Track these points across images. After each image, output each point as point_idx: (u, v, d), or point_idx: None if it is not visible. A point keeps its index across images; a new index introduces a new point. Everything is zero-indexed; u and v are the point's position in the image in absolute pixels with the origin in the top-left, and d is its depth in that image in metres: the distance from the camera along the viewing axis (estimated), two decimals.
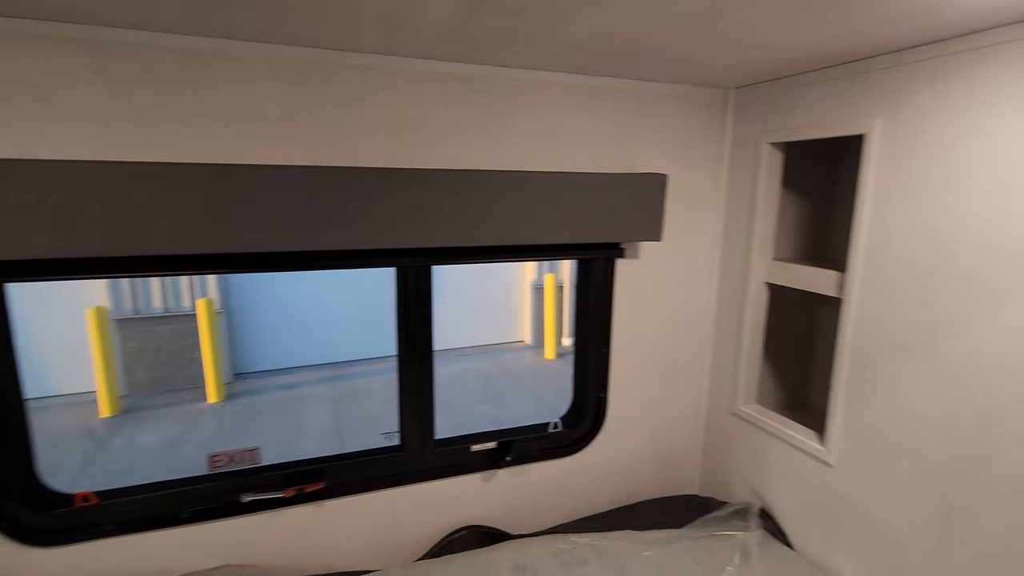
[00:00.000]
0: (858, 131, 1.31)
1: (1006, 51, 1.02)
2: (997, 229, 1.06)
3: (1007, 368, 1.05)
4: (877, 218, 1.28)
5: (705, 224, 1.76)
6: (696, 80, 1.56)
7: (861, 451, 1.35)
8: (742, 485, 1.73)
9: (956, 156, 1.12)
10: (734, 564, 1.43)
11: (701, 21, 1.02)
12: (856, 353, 1.35)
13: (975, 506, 1.11)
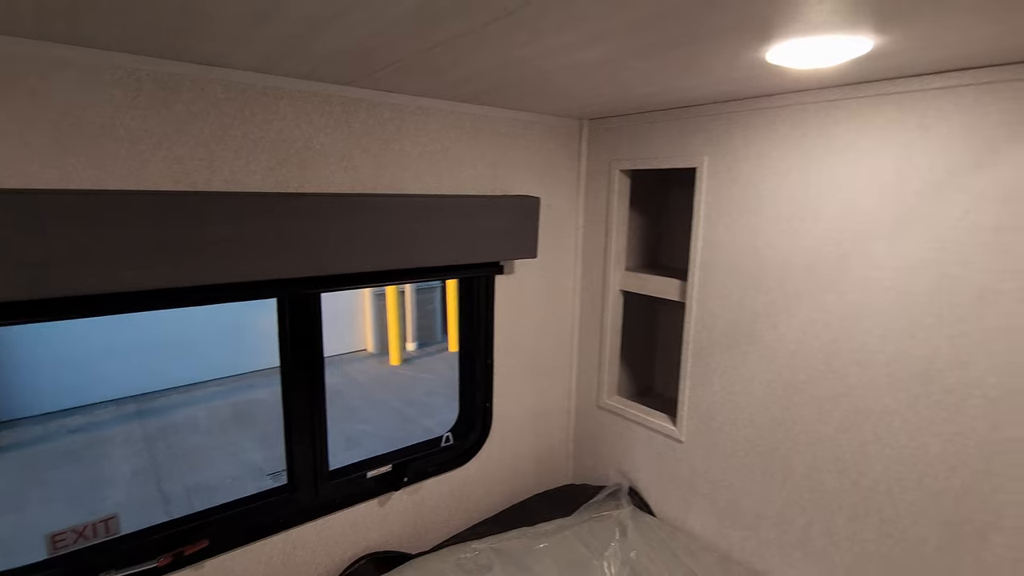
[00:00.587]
0: (691, 165, 1.59)
1: (793, 112, 1.35)
2: (791, 247, 1.39)
3: (803, 350, 1.39)
4: (708, 236, 1.58)
5: (568, 241, 1.96)
6: (557, 111, 1.73)
7: (705, 427, 1.64)
8: (611, 469, 1.97)
9: (761, 189, 1.43)
10: (616, 540, 1.63)
11: (565, 73, 1.16)
12: (697, 346, 1.64)
13: (787, 458, 1.45)
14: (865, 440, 1.29)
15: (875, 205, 1.23)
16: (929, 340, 1.17)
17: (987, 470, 1.12)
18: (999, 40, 0.90)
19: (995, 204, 1.07)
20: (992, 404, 1.10)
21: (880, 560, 1.29)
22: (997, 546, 1.11)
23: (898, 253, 1.20)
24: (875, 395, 1.26)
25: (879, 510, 1.28)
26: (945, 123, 1.12)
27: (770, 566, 1.51)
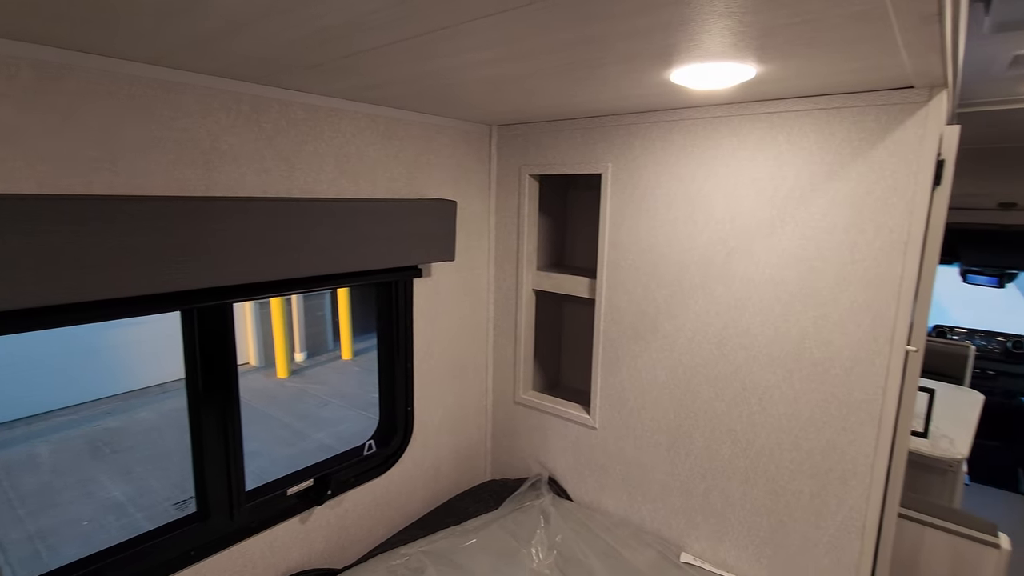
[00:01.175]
0: (597, 171, 1.72)
1: (685, 126, 1.52)
2: (687, 246, 1.56)
3: (699, 337, 1.57)
4: (613, 237, 1.72)
5: (481, 243, 2.01)
6: (468, 117, 1.78)
7: (616, 413, 1.78)
8: (530, 460, 2.05)
9: (660, 194, 1.59)
10: (541, 527, 1.71)
11: (481, 84, 1.22)
12: (607, 339, 1.77)
13: (689, 434, 1.62)
14: (752, 411, 1.49)
15: (754, 208, 1.43)
16: (799, 323, 1.39)
17: (844, 427, 1.35)
18: (849, 75, 1.11)
19: (845, 208, 1.30)
20: (847, 373, 1.33)
21: (767, 513, 1.50)
22: (853, 488, 1.36)
23: (773, 249, 1.41)
24: (759, 372, 1.47)
25: (765, 471, 1.49)
26: (806, 140, 1.34)
27: (677, 531, 1.68)
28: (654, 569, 1.56)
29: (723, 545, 1.59)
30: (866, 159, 1.26)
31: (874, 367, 1.29)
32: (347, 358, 8.01)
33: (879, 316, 1.27)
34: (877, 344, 1.28)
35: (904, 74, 1.09)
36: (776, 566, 1.50)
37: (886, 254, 1.25)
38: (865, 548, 1.35)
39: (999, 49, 2.49)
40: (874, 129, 1.24)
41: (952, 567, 1.66)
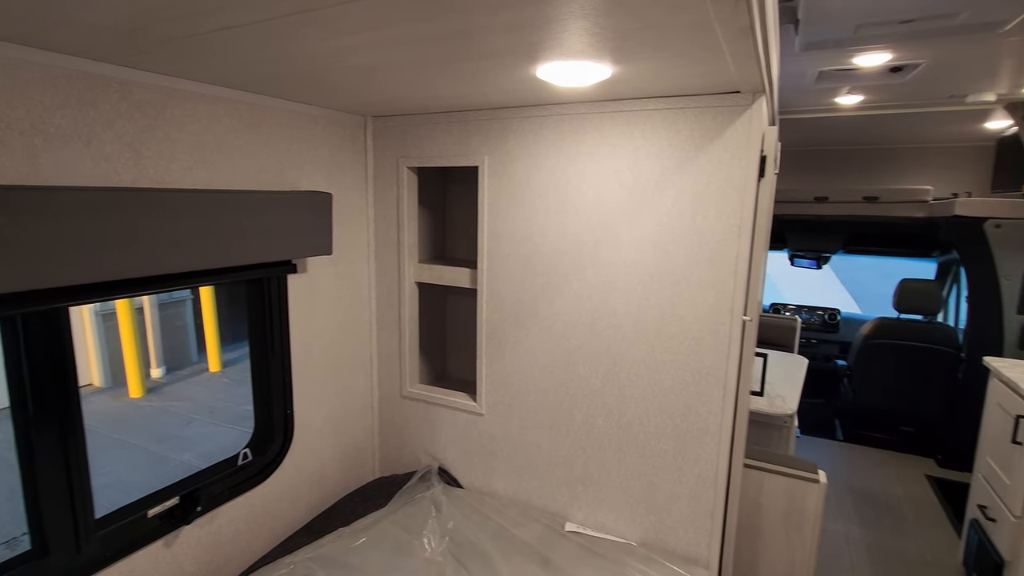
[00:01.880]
0: (473, 163, 1.76)
1: (554, 121, 1.62)
2: (560, 235, 1.66)
3: (574, 320, 1.68)
4: (492, 227, 1.77)
5: (360, 236, 1.96)
6: (341, 107, 1.72)
7: (502, 398, 1.84)
8: (420, 453, 2.05)
9: (534, 186, 1.68)
10: (432, 517, 1.72)
11: (353, 72, 1.20)
12: (490, 327, 1.83)
13: (568, 411, 1.73)
14: (622, 385, 1.63)
15: (617, 198, 1.56)
16: (658, 301, 1.55)
17: (698, 391, 1.53)
18: (691, 79, 1.25)
19: (690, 197, 1.47)
20: (699, 343, 1.51)
21: (638, 475, 1.65)
22: (706, 444, 1.54)
23: (634, 236, 1.55)
24: (626, 348, 1.61)
25: (635, 438, 1.64)
26: (658, 136, 1.49)
27: (562, 503, 1.79)
28: (541, 542, 1.65)
29: (602, 510, 1.72)
30: (707, 154, 1.44)
31: (719, 337, 1.48)
32: (215, 370, 7.31)
33: (721, 292, 1.46)
34: (720, 316, 1.47)
35: (732, 80, 1.26)
36: (648, 522, 1.66)
37: (724, 237, 1.44)
38: (718, 495, 1.55)
39: (808, 65, 2.94)
40: (712, 127, 1.42)
41: (786, 503, 1.95)
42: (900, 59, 2.77)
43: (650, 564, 1.55)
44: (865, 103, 3.76)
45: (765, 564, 2.04)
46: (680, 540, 1.62)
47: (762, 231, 1.52)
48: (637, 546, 1.65)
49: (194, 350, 7.60)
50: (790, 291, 7.53)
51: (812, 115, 4.08)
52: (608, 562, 1.56)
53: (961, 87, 3.33)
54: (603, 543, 1.66)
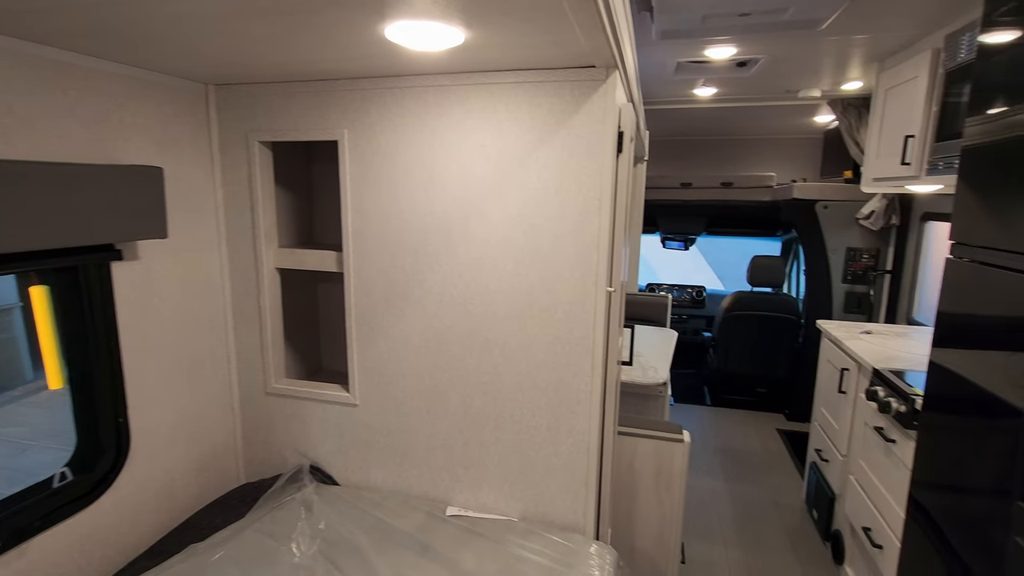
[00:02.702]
0: (332, 137, 1.64)
1: (417, 93, 1.55)
2: (428, 212, 1.61)
3: (446, 299, 1.64)
4: (357, 205, 1.67)
5: (207, 219, 1.75)
6: (176, 71, 1.52)
7: (376, 385, 1.76)
8: (289, 453, 1.89)
9: (399, 160, 1.60)
10: (302, 519, 1.60)
11: (179, 24, 1.06)
12: (360, 312, 1.73)
13: (445, 393, 1.69)
14: (496, 363, 1.63)
15: (484, 172, 1.53)
16: (528, 276, 1.55)
17: (568, 363, 1.57)
18: (546, 50, 1.25)
19: (553, 171, 1.48)
20: (567, 316, 1.54)
21: (516, 452, 1.66)
22: (578, 415, 1.58)
23: (502, 211, 1.54)
24: (499, 325, 1.60)
25: (511, 414, 1.64)
26: (520, 110, 1.48)
27: (443, 488, 1.75)
28: (422, 530, 1.60)
29: (483, 490, 1.71)
30: (567, 128, 1.45)
31: (585, 309, 1.52)
32: (57, 386, 6.32)
33: (586, 264, 1.50)
34: (586, 288, 1.51)
35: (584, 53, 1.28)
36: (527, 496, 1.67)
37: (586, 210, 1.47)
38: (591, 464, 1.60)
39: (667, 56, 3.13)
40: (571, 101, 1.44)
41: (656, 463, 2.08)
42: (744, 53, 3.04)
43: (529, 537, 1.57)
44: (718, 95, 4.10)
45: (640, 522, 2.16)
46: (558, 510, 1.65)
47: (623, 205, 1.58)
48: (518, 521, 1.66)
49: (28, 365, 6.51)
50: (665, 272, 8.11)
51: (675, 106, 4.38)
52: (489, 541, 1.55)
53: (793, 83, 3.74)
54: (484, 523, 1.65)
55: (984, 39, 1.68)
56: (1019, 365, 1.32)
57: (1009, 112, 1.50)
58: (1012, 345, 1.39)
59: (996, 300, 1.52)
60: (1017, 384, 1.32)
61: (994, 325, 1.54)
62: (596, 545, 1.56)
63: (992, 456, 1.43)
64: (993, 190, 1.63)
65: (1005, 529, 1.33)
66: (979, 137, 1.67)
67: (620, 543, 2.17)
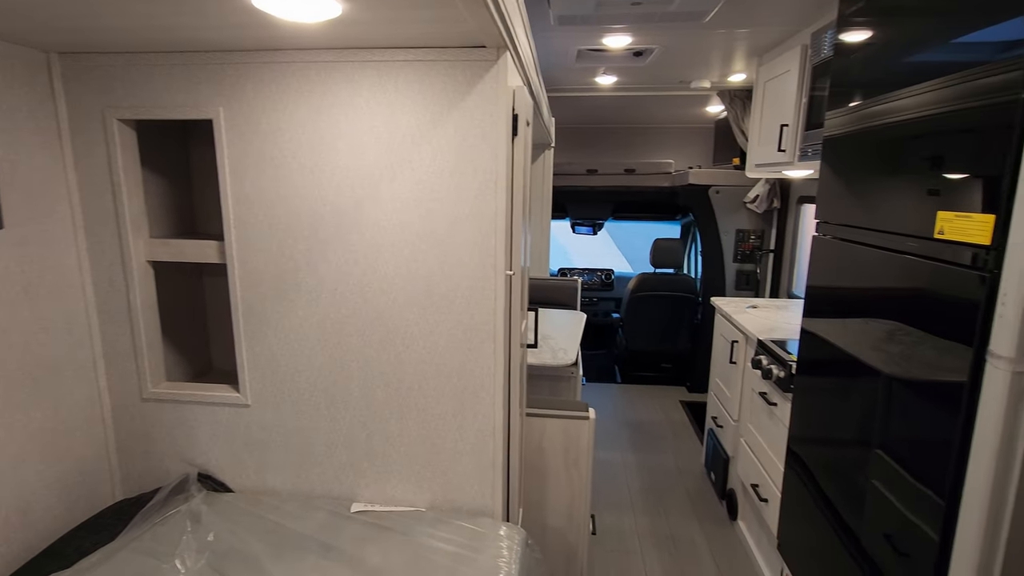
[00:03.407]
0: (206, 116, 1.50)
1: (299, 69, 1.45)
2: (318, 197, 1.52)
3: (342, 288, 1.56)
4: (238, 191, 1.54)
5: (59, 206, 1.54)
6: (9, 36, 1.31)
7: (269, 383, 1.65)
8: (174, 462, 1.74)
9: (283, 142, 1.50)
10: (188, 533, 1.47)
11: None
12: (247, 305, 1.61)
13: (345, 386, 1.62)
14: (398, 352, 1.58)
15: (376, 154, 1.47)
16: (427, 262, 1.52)
17: (471, 348, 1.55)
18: (431, 26, 1.21)
19: (448, 154, 1.45)
20: (468, 301, 1.53)
21: (422, 440, 1.63)
22: (483, 399, 1.58)
23: (397, 195, 1.49)
24: (399, 313, 1.55)
25: (416, 403, 1.61)
26: (412, 89, 1.43)
27: (347, 485, 1.69)
28: (324, 530, 1.53)
29: (390, 483, 1.67)
30: (460, 109, 1.43)
31: (485, 293, 1.51)
32: None
33: (484, 248, 1.49)
34: (485, 272, 1.50)
35: (473, 32, 1.25)
36: (435, 485, 1.65)
37: (482, 194, 1.46)
38: (497, 447, 1.61)
39: (567, 43, 3.18)
40: (463, 82, 1.41)
41: (564, 442, 2.14)
42: (639, 43, 3.15)
43: (437, 525, 1.55)
44: (618, 84, 4.24)
45: (551, 500, 2.22)
46: (467, 495, 1.65)
47: (521, 188, 1.58)
48: (426, 511, 1.64)
49: None
50: (580, 257, 8.33)
51: (578, 93, 4.47)
52: (395, 534, 1.52)
53: (685, 74, 3.94)
54: (392, 516, 1.61)
55: (839, 38, 1.85)
56: (877, 330, 1.48)
57: (860, 106, 1.67)
58: (870, 312, 1.56)
59: (855, 272, 1.69)
60: (876, 347, 1.48)
61: (854, 295, 1.72)
62: (506, 527, 1.58)
63: (855, 411, 1.60)
64: (849, 175, 1.81)
65: (867, 474, 1.50)
66: (837, 128, 1.84)
67: (533, 522, 2.22)
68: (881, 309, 1.52)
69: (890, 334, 1.45)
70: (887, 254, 1.48)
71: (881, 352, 1.46)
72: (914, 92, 1.36)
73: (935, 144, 1.34)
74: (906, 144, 1.46)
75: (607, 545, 3.01)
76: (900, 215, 1.47)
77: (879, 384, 1.47)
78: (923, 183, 1.40)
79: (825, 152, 1.93)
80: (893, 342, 1.42)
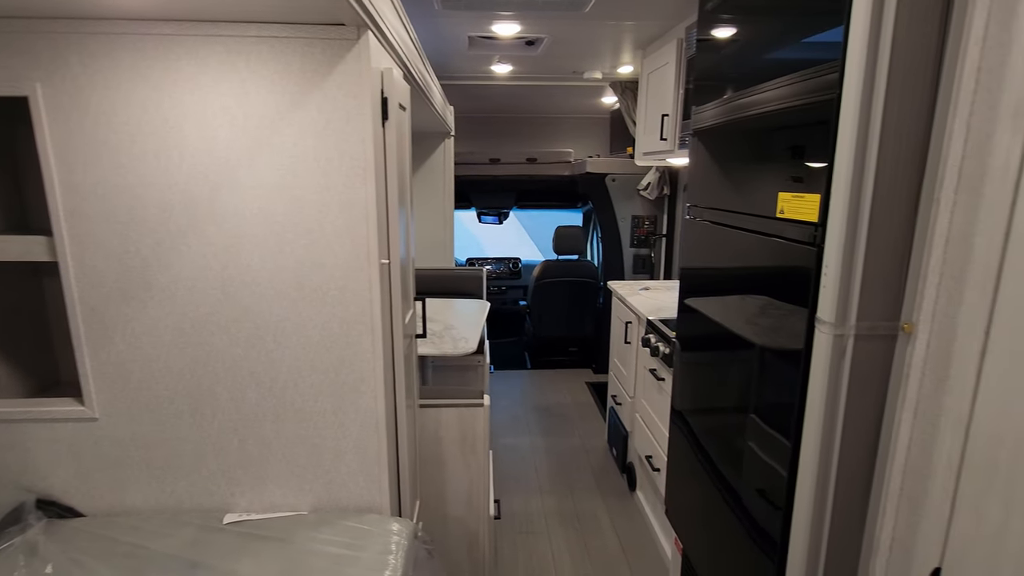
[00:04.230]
0: (19, 93, 1.31)
1: (134, 41, 1.30)
2: (166, 185, 1.38)
3: (200, 285, 1.43)
4: (68, 180, 1.37)
5: None
6: None
7: (121, 392, 1.49)
8: (7, 490, 1.52)
9: (118, 123, 1.34)
10: (20, 568, 1.30)
11: None
12: (87, 308, 1.43)
13: (211, 389, 1.50)
14: (269, 349, 1.48)
15: (230, 138, 1.36)
16: (295, 252, 1.43)
17: (348, 342, 1.49)
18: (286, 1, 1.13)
19: (311, 137, 1.37)
20: (342, 291, 1.46)
21: (301, 441, 1.55)
22: (364, 393, 1.52)
23: (257, 181, 1.38)
24: (267, 308, 1.46)
25: (292, 402, 1.52)
26: (267, 68, 1.33)
27: (219, 496, 1.57)
28: (192, 546, 1.41)
29: (267, 489, 1.57)
30: (322, 90, 1.35)
31: (360, 283, 1.45)
32: None
33: (356, 236, 1.42)
34: (359, 261, 1.44)
35: (327, 7, 1.18)
36: (318, 486, 1.58)
37: (351, 180, 1.39)
38: (381, 441, 1.56)
39: (457, 29, 3.14)
40: (323, 62, 1.33)
41: (460, 430, 2.13)
42: (528, 31, 3.17)
43: (320, 528, 1.48)
44: (515, 73, 4.26)
45: (451, 489, 2.21)
46: (352, 494, 1.59)
47: (396, 175, 1.53)
48: (309, 514, 1.56)
49: None
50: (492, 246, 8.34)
51: (475, 81, 4.44)
52: (273, 541, 1.44)
53: (577, 64, 4.04)
54: (271, 523, 1.52)
55: (698, 34, 1.96)
56: (751, 305, 1.60)
57: (720, 101, 1.78)
58: (736, 290, 1.68)
59: (719, 252, 1.81)
60: (751, 321, 1.59)
61: (720, 274, 1.84)
62: (397, 522, 1.54)
63: (732, 380, 1.72)
64: (711, 164, 1.94)
65: (744, 437, 1.62)
66: (700, 122, 1.96)
67: (432, 513, 2.19)
68: (744, 286, 1.64)
69: (757, 308, 1.57)
70: (744, 234, 1.60)
71: (752, 325, 1.58)
72: (765, 88, 1.48)
73: (778, 135, 1.46)
74: (755, 135, 1.58)
75: (514, 528, 3.06)
76: (753, 198, 1.59)
77: (755, 355, 1.59)
78: (768, 170, 1.53)
79: (692, 143, 2.05)
80: (760, 315, 1.54)
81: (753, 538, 1.55)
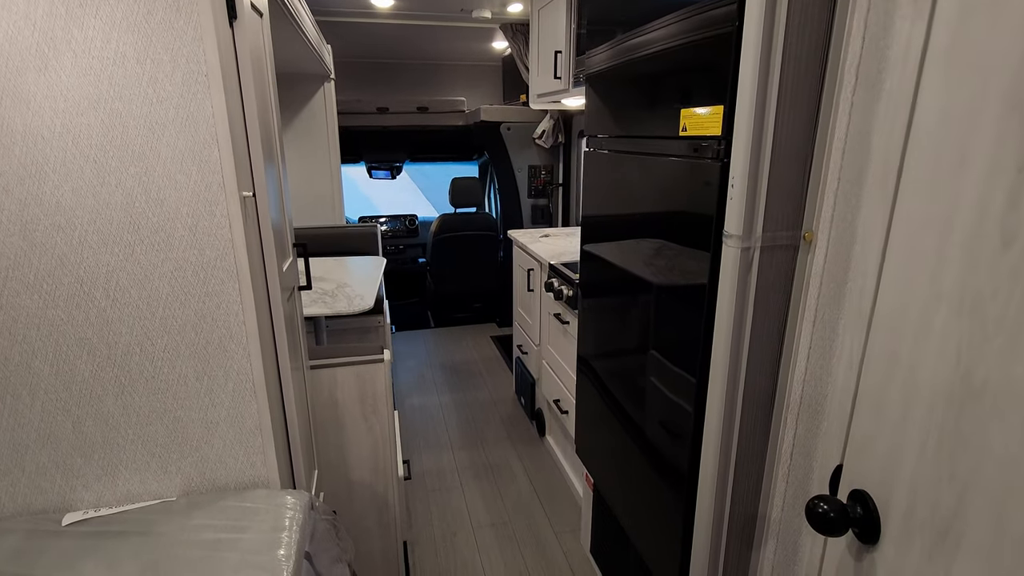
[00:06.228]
0: None
1: None
2: None
3: None
4: None
5: None
6: None
7: None
8: None
9: None
10: None
11: None
12: None
13: (26, 365, 1.19)
14: (102, 308, 1.20)
15: (9, 32, 1.02)
16: (122, 184, 1.14)
17: (207, 292, 1.24)
18: None
19: (129, 33, 1.07)
20: (193, 232, 1.20)
21: (159, 416, 1.29)
22: (234, 352, 1.29)
23: (56, 90, 1.07)
24: (92, 256, 1.16)
25: (141, 371, 1.25)
26: None
27: (56, 493, 1.28)
28: (16, 558, 1.13)
29: (120, 477, 1.31)
30: None
31: (216, 219, 1.20)
32: None
33: (205, 162, 1.16)
34: (211, 193, 1.18)
35: None
36: (186, 466, 1.34)
37: (191, 90, 1.12)
38: (263, 407, 1.34)
39: None
40: None
41: (359, 390, 1.95)
42: None
43: (192, 513, 1.26)
44: (397, 9, 3.91)
45: (353, 453, 2.04)
46: (231, 470, 1.37)
47: (255, 95, 1.26)
48: (177, 499, 1.33)
49: None
50: (386, 205, 7.96)
51: (355, 19, 4.03)
52: (130, 537, 1.19)
53: (467, 2, 3.78)
54: (126, 517, 1.26)
55: None
56: (648, 248, 1.55)
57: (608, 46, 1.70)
58: (647, 223, 1.62)
59: (626, 184, 1.74)
60: (648, 263, 1.55)
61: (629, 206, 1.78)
62: (290, 495, 1.35)
63: (633, 320, 1.69)
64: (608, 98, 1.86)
65: (645, 373, 1.60)
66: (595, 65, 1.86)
67: (336, 480, 2.02)
68: (649, 220, 1.59)
69: (661, 242, 1.53)
70: (647, 158, 1.54)
71: (658, 259, 1.54)
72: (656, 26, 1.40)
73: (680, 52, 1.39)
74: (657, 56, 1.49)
75: (426, 486, 2.97)
76: (653, 122, 1.53)
77: (653, 295, 1.55)
78: (669, 89, 1.47)
79: (588, 83, 1.96)
80: (665, 248, 1.50)
81: (662, 465, 1.56)
